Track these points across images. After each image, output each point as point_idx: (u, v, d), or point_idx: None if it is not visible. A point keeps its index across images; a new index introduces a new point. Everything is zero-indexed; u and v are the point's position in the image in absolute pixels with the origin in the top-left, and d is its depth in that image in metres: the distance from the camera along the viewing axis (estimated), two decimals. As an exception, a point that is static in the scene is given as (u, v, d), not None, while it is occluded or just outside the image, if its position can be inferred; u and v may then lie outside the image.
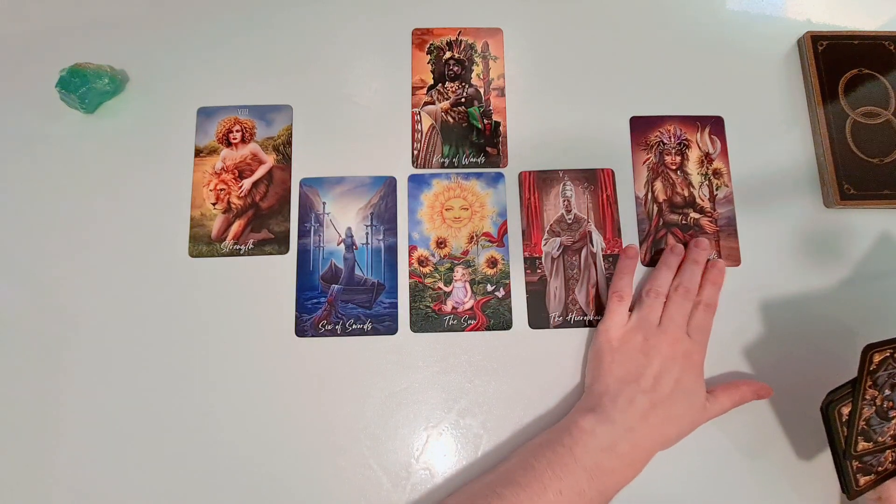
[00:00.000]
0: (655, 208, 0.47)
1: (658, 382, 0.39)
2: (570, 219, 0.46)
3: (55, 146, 0.47)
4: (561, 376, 0.43)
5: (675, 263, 0.44)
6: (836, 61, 0.49)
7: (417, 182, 0.47)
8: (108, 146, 0.47)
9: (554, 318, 0.44)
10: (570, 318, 0.45)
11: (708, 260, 0.45)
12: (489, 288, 0.45)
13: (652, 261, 0.46)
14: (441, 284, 0.45)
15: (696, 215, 0.47)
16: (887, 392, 0.37)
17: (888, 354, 0.36)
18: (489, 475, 0.38)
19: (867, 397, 0.36)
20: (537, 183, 0.47)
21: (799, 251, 0.46)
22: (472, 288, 0.45)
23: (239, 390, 0.43)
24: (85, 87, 0.46)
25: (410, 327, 0.44)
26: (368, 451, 0.42)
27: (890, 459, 0.39)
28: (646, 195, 0.47)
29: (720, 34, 0.51)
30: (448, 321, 0.44)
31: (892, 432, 0.37)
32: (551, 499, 0.35)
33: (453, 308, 0.45)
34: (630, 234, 0.46)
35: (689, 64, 0.50)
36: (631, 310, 0.43)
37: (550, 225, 0.46)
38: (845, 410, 0.37)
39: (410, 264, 0.45)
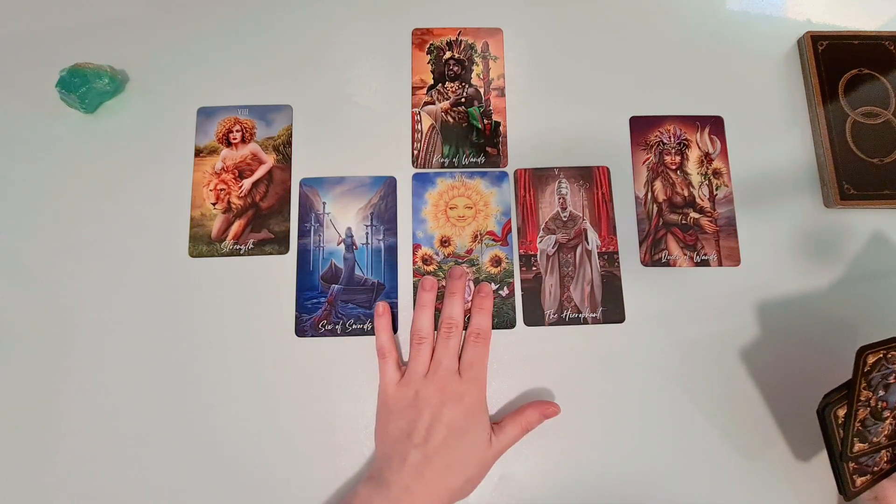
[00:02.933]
0: (655, 208, 0.47)
1: (430, 433, 0.37)
2: (565, 216, 0.46)
3: (55, 146, 0.47)
4: (556, 374, 0.43)
5: (429, 300, 0.43)
6: (836, 61, 0.49)
7: (422, 180, 0.47)
8: (108, 146, 0.47)
9: (549, 315, 0.44)
10: (566, 316, 0.44)
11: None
12: (493, 287, 0.45)
13: (652, 262, 0.46)
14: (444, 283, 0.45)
15: (696, 215, 0.47)
16: (881, 393, 0.37)
17: (882, 355, 0.36)
18: None
19: (862, 399, 0.36)
20: (533, 180, 0.47)
21: (799, 251, 0.46)
22: (475, 287, 0.45)
23: (239, 390, 0.43)
24: (85, 87, 0.46)
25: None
26: (368, 451, 0.42)
27: (885, 459, 0.39)
28: (646, 195, 0.47)
29: (720, 34, 0.51)
30: (448, 321, 0.44)
31: (886, 432, 0.38)
32: None
33: (453, 308, 0.45)
34: (628, 233, 0.46)
35: (689, 64, 0.50)
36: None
37: (546, 222, 0.46)
38: (841, 412, 0.37)
39: (414, 263, 0.45)
